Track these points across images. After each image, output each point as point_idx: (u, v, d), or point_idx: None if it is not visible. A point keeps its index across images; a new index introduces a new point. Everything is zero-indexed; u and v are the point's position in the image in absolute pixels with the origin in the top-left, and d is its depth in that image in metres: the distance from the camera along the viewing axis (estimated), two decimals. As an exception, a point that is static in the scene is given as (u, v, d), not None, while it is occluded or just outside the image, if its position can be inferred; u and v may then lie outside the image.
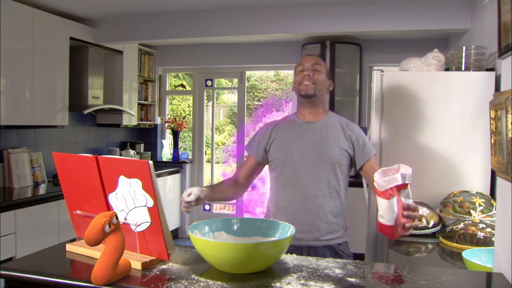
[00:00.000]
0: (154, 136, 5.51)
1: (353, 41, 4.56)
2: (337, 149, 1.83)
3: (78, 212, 1.37)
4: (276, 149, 1.88)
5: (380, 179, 1.42)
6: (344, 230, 1.89)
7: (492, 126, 1.36)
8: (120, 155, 4.88)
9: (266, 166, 1.99)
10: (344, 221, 1.89)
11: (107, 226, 1.07)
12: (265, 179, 9.14)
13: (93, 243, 1.07)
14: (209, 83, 5.49)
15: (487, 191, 2.38)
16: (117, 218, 1.10)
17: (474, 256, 1.48)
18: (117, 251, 1.10)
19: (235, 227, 1.38)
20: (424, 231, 2.07)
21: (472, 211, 2.07)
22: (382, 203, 1.44)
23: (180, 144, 5.58)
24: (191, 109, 5.65)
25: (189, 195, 1.57)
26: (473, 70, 2.46)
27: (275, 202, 1.88)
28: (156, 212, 1.19)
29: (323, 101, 1.92)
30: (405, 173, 1.40)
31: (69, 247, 1.36)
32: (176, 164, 5.29)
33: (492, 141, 1.37)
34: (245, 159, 2.00)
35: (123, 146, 5.15)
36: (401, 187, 1.41)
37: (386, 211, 1.43)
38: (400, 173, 1.40)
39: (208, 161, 6.46)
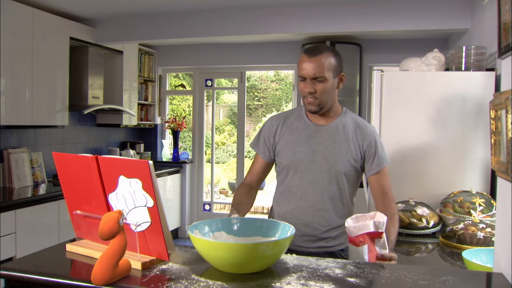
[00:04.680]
0: (154, 136, 5.51)
1: (353, 41, 4.56)
2: (345, 159, 1.71)
3: (78, 212, 1.36)
4: (281, 151, 1.78)
5: (351, 225, 1.38)
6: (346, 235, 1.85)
7: (492, 126, 1.36)
8: (120, 155, 4.88)
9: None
10: None
11: (121, 219, 1.09)
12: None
13: (109, 236, 1.08)
14: (209, 83, 5.49)
15: (487, 191, 2.38)
16: (124, 218, 1.12)
17: (474, 256, 1.48)
18: (119, 252, 1.10)
19: (235, 227, 1.38)
20: (424, 231, 2.08)
21: (472, 211, 2.07)
22: (351, 249, 1.41)
23: (180, 144, 5.58)
24: (191, 109, 5.65)
25: None
26: (473, 70, 2.46)
27: (278, 208, 1.82)
28: (156, 212, 1.19)
29: (332, 104, 1.74)
30: (378, 221, 1.36)
31: (69, 247, 1.36)
32: (176, 164, 5.29)
33: (492, 141, 1.37)
34: (253, 160, 1.89)
35: (123, 146, 5.15)
36: (375, 236, 1.37)
37: (355, 258, 1.40)
38: (373, 221, 1.36)
39: (208, 161, 6.46)
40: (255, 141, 1.87)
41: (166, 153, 5.48)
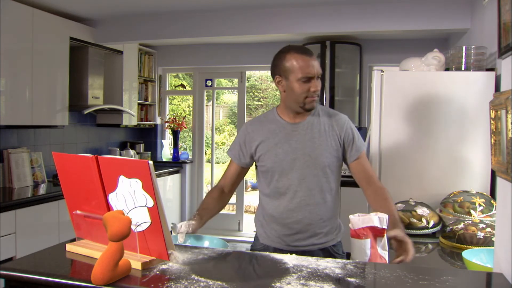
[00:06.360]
0: (154, 136, 5.51)
1: (353, 41, 4.56)
2: (327, 151, 1.74)
3: (78, 212, 1.37)
4: (263, 155, 1.78)
5: (355, 217, 1.42)
6: (338, 230, 1.84)
7: (492, 126, 1.36)
8: (120, 155, 4.88)
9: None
10: (338, 221, 1.85)
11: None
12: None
13: (121, 237, 1.08)
14: (209, 83, 5.49)
15: (487, 191, 2.38)
16: None
17: (474, 256, 1.48)
18: (120, 252, 1.10)
19: None
20: (424, 231, 2.08)
21: (472, 211, 2.07)
22: (354, 244, 1.43)
23: (180, 144, 5.58)
24: (191, 109, 5.65)
25: (178, 231, 1.55)
26: (473, 70, 2.46)
27: (267, 211, 1.82)
28: (156, 212, 1.19)
29: None
30: (382, 217, 1.40)
31: (69, 247, 1.36)
32: (176, 164, 5.29)
33: (492, 141, 1.37)
34: (228, 165, 1.90)
35: (123, 146, 5.14)
36: (377, 234, 1.40)
37: (358, 253, 1.41)
38: (377, 216, 1.40)
39: (208, 161, 6.46)
40: (231, 147, 1.88)
41: (166, 153, 5.48)
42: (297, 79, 1.69)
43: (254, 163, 1.87)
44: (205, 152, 5.88)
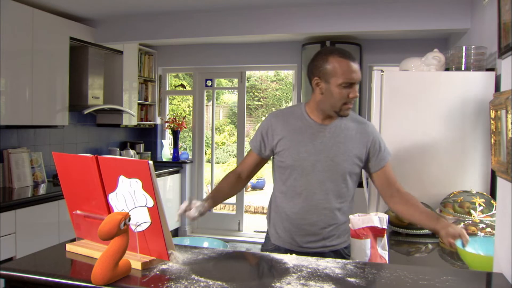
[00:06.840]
0: (154, 136, 5.51)
1: (353, 41, 4.56)
2: (350, 158, 1.71)
3: (78, 212, 1.37)
4: (284, 151, 1.74)
5: (355, 217, 1.42)
6: (349, 233, 1.86)
7: (492, 126, 1.36)
8: (120, 155, 4.88)
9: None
10: (348, 223, 1.86)
11: (122, 223, 1.09)
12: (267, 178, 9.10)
13: (107, 237, 1.08)
14: (209, 83, 5.49)
15: (487, 191, 2.38)
16: (129, 220, 1.12)
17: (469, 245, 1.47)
18: (120, 252, 1.10)
19: None
20: (424, 231, 2.07)
21: (472, 211, 2.07)
22: (354, 244, 1.43)
23: (180, 144, 5.58)
24: (191, 109, 5.65)
25: (190, 209, 1.55)
26: (473, 70, 2.46)
27: (281, 209, 1.79)
28: (156, 212, 1.19)
29: None
30: (382, 217, 1.40)
31: (69, 247, 1.36)
32: (176, 164, 5.29)
33: (492, 141, 1.37)
34: (247, 153, 1.87)
35: (123, 146, 5.15)
36: (378, 233, 1.40)
37: (358, 253, 1.42)
38: (377, 216, 1.40)
39: (208, 161, 6.46)
40: (253, 138, 1.83)
41: (166, 153, 5.48)
42: (338, 84, 1.64)
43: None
44: (205, 152, 5.88)
